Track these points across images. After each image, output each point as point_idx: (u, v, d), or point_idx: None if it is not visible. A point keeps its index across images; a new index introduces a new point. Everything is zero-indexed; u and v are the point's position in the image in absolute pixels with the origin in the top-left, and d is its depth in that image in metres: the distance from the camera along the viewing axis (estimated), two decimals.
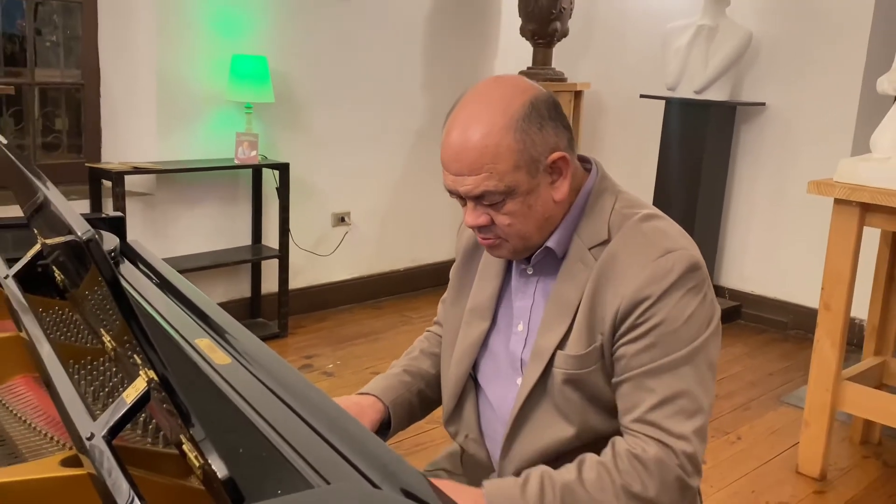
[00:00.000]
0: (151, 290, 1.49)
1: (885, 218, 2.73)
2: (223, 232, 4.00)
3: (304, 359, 3.76)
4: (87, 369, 1.22)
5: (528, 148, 1.18)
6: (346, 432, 0.97)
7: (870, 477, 2.94)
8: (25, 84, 3.66)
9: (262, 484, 0.84)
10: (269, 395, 1.06)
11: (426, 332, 1.59)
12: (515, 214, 1.21)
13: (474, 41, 4.89)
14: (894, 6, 4.00)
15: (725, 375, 3.76)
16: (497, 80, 1.26)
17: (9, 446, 1.04)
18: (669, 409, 1.18)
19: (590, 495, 1.16)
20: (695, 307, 1.20)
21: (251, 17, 3.89)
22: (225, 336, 1.28)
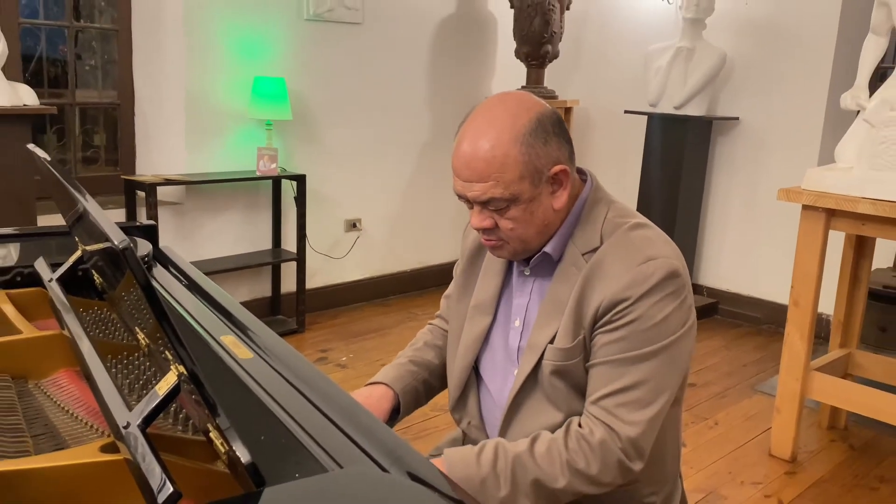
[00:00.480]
0: (181, 291, 1.50)
1: (848, 222, 2.72)
2: (246, 237, 4.00)
3: (319, 352, 3.76)
4: (123, 364, 1.22)
5: (532, 160, 1.18)
6: (357, 421, 0.98)
7: (836, 459, 2.93)
8: (67, 104, 3.67)
9: (281, 468, 0.84)
10: (287, 386, 1.07)
11: (429, 324, 1.59)
12: (518, 220, 1.22)
13: (473, 62, 4.89)
14: (856, 29, 3.99)
15: (704, 366, 3.76)
16: (506, 96, 1.26)
17: (54, 434, 1.03)
18: (624, 398, 1.19)
19: (538, 466, 1.18)
20: (670, 310, 1.20)
21: (271, 42, 3.90)
22: (247, 333, 1.29)
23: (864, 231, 2.74)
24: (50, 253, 1.55)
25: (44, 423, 1.06)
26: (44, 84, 3.59)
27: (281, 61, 3.94)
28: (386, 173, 4.55)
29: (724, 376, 3.68)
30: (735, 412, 3.29)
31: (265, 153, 3.77)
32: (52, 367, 1.23)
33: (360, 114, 4.34)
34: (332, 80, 4.17)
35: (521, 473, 1.17)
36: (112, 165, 3.81)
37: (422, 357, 1.51)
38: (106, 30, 3.71)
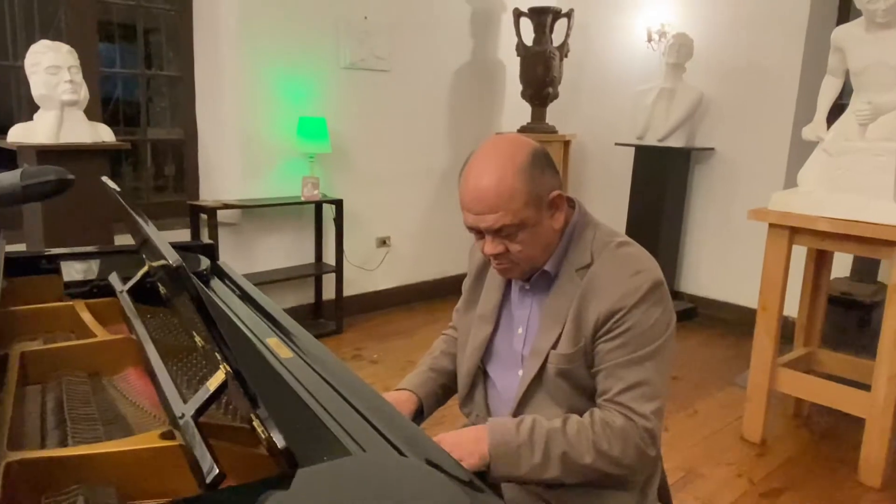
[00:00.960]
0: (234, 300, 1.51)
1: (809, 238, 2.70)
2: (293, 253, 4.01)
3: (354, 350, 3.75)
4: (182, 362, 1.23)
5: (534, 189, 1.18)
6: (380, 411, 0.98)
7: (800, 443, 2.89)
8: (140, 140, 3.71)
9: (313, 451, 0.84)
10: (321, 381, 1.07)
11: (443, 334, 1.58)
12: (526, 242, 1.21)
13: (485, 102, 4.89)
14: (815, 71, 3.95)
15: (685, 362, 3.72)
16: (501, 138, 1.25)
17: (122, 422, 1.04)
18: (634, 393, 1.19)
19: (569, 442, 1.17)
20: (657, 316, 1.20)
21: (313, 86, 3.92)
22: (288, 335, 1.29)
23: (823, 245, 2.71)
24: (122, 268, 1.57)
25: (114, 414, 1.07)
26: (120, 123, 3.62)
27: (322, 103, 3.96)
28: (411, 197, 4.56)
29: (702, 371, 3.64)
30: (711, 402, 3.26)
31: (309, 181, 3.79)
32: (122, 366, 1.24)
33: (389, 147, 4.35)
34: (365, 118, 4.18)
35: (553, 446, 1.16)
36: (179, 192, 3.84)
37: (439, 364, 1.50)
38: (172, 77, 3.74)
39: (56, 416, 1.02)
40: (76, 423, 0.99)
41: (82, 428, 0.98)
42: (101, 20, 3.40)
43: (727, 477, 2.59)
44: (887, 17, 2.49)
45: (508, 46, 4.73)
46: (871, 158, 2.49)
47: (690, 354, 3.86)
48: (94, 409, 1.05)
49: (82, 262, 1.67)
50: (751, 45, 4.18)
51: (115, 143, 2.90)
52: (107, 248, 1.79)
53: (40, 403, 1.07)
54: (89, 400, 1.09)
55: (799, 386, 2.79)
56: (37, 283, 1.56)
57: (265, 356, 1.16)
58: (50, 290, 1.54)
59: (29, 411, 1.04)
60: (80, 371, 1.19)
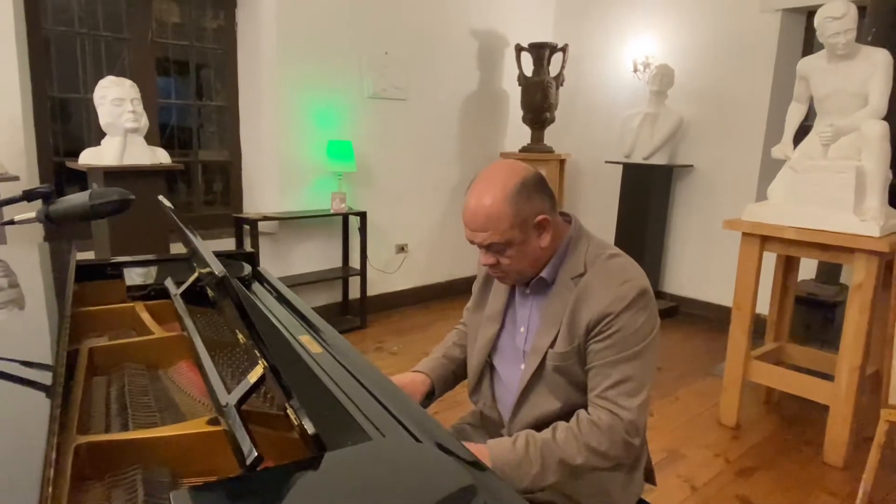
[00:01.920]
0: (272, 301, 1.52)
1: (778, 245, 2.68)
2: (323, 258, 4.03)
3: (377, 343, 3.76)
4: (226, 356, 1.21)
5: (519, 213, 1.17)
6: (397, 400, 0.98)
7: (771, 426, 2.86)
8: (192, 161, 3.74)
9: (339, 436, 0.84)
10: (346, 374, 1.08)
11: (455, 328, 1.58)
12: (513, 257, 1.21)
13: (490, 126, 4.89)
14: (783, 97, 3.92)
15: (668, 355, 3.70)
16: (498, 165, 1.24)
17: (175, 409, 1.05)
18: (620, 390, 1.18)
19: (561, 448, 1.16)
20: (643, 320, 1.19)
21: (341, 115, 3.95)
22: (319, 333, 1.30)
23: (790, 252, 2.69)
24: (176, 273, 1.58)
25: (168, 401, 1.07)
26: (175, 146, 3.65)
27: (348, 128, 3.98)
28: (425, 209, 4.56)
29: (684, 362, 3.61)
30: (692, 390, 3.23)
31: (337, 196, 3.80)
32: (175, 359, 1.25)
33: (406, 166, 4.36)
34: (386, 141, 4.20)
35: (548, 455, 1.15)
36: (226, 206, 3.86)
37: (451, 353, 1.50)
38: (220, 106, 3.78)
39: (119, 404, 1.02)
40: (136, 410, 1.00)
41: (141, 414, 0.99)
42: (158, 57, 3.44)
43: (706, 457, 2.57)
44: (847, 50, 2.47)
45: (510, 77, 4.74)
46: (833, 175, 2.47)
47: (673, 348, 3.83)
48: (151, 398, 1.06)
49: (142, 269, 1.68)
50: (726, 74, 4.16)
51: (171, 164, 2.93)
52: (163, 257, 1.79)
53: (105, 392, 1.07)
54: (147, 389, 1.09)
55: (769, 376, 2.77)
56: (103, 287, 1.58)
57: (298, 351, 1.16)
58: (114, 292, 1.55)
59: (96, 399, 1.04)
60: (139, 364, 1.20)
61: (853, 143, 2.50)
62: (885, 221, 2.38)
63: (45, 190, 1.07)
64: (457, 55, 4.52)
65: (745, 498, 2.29)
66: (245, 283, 1.63)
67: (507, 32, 4.77)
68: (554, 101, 4.51)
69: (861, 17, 2.81)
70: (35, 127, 3.02)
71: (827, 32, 2.44)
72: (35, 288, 1.36)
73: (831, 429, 2.53)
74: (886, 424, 2.20)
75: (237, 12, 3.66)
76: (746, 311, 2.76)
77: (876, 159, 2.41)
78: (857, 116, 2.48)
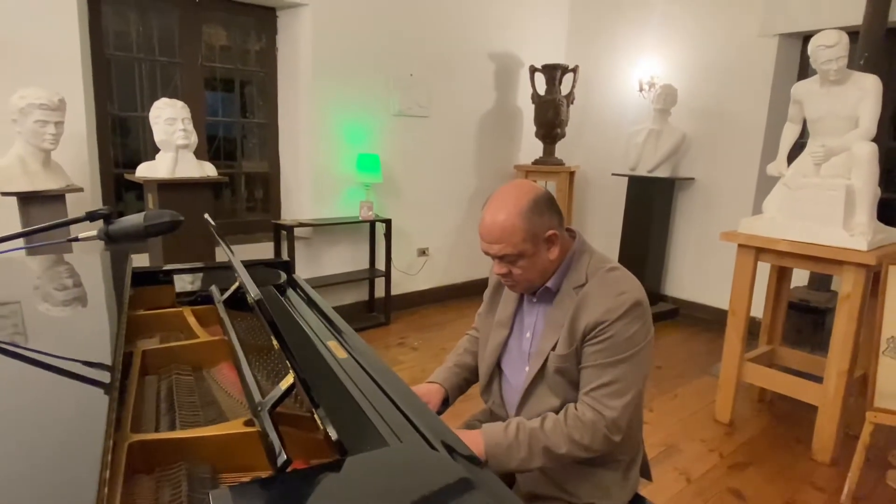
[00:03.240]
0: (304, 306, 1.52)
1: (771, 256, 2.64)
2: (351, 260, 4.06)
3: (399, 339, 3.77)
4: (263, 358, 1.23)
5: (531, 228, 1.18)
6: (414, 406, 0.98)
7: (763, 424, 2.82)
8: (237, 172, 3.80)
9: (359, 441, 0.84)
10: (368, 380, 1.07)
11: (466, 334, 1.58)
12: (524, 268, 1.22)
13: (505, 141, 4.88)
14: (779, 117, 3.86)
15: (668, 354, 3.66)
16: (513, 185, 1.25)
17: (217, 407, 1.05)
18: (607, 390, 1.18)
19: (547, 437, 1.17)
20: (635, 330, 1.19)
21: (369, 130, 3.97)
22: (345, 339, 1.30)
23: (783, 263, 2.65)
24: (220, 281, 1.59)
25: (211, 400, 1.08)
26: (221, 157, 3.70)
27: (376, 143, 4.00)
28: (445, 217, 4.57)
29: (682, 362, 3.57)
30: (689, 388, 3.20)
31: (365, 205, 3.83)
32: (218, 361, 1.25)
33: (428, 177, 4.37)
34: (410, 155, 4.21)
35: (534, 442, 1.17)
36: (265, 212, 3.91)
37: (463, 360, 1.51)
38: (261, 123, 3.83)
39: (167, 403, 1.03)
40: (182, 409, 1.00)
41: (186, 413, 1.00)
42: (206, 77, 3.50)
43: (701, 451, 2.55)
44: (838, 76, 2.43)
45: (525, 95, 4.72)
46: (824, 192, 2.43)
47: (673, 348, 3.80)
48: (196, 397, 1.06)
49: (190, 276, 1.69)
50: (726, 95, 4.10)
51: (217, 177, 2.97)
52: (209, 265, 1.80)
53: (156, 391, 1.09)
54: (193, 389, 1.10)
55: (762, 377, 2.73)
56: (156, 292, 1.58)
57: (325, 357, 1.17)
58: (165, 297, 1.57)
59: (147, 397, 1.06)
60: (186, 365, 1.21)
61: (844, 163, 2.45)
62: (873, 236, 2.34)
63: (106, 212, 1.10)
64: (475, 75, 4.52)
65: (737, 491, 2.27)
66: (280, 290, 1.65)
67: (522, 54, 4.76)
68: (565, 117, 4.49)
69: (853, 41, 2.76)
70: (98, 142, 3.09)
71: (820, 59, 2.40)
72: (97, 292, 1.38)
73: (819, 428, 2.49)
74: (871, 426, 2.16)
75: (278, 37, 3.70)
76: (741, 317, 2.72)
77: (865, 178, 2.36)
78: (848, 138, 2.43)
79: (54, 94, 2.47)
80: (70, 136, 2.76)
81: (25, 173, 2.45)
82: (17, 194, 2.46)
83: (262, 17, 3.63)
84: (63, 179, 2.60)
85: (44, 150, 2.50)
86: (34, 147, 2.48)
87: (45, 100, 2.43)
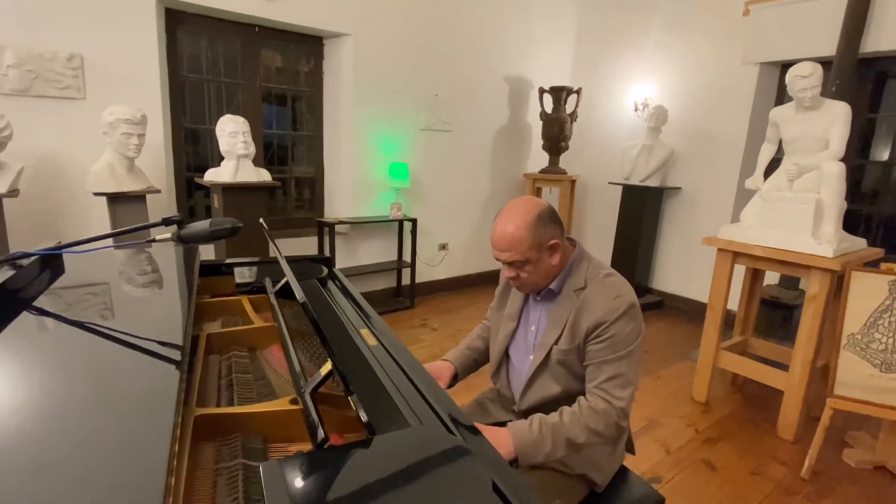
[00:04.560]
0: (341, 298, 1.51)
1: (747, 260, 2.58)
2: (382, 253, 4.06)
3: (422, 320, 3.78)
4: (307, 343, 1.23)
5: (536, 237, 1.18)
6: (433, 390, 0.97)
7: (735, 404, 2.78)
8: (288, 176, 3.81)
9: (385, 422, 0.84)
10: (395, 366, 1.07)
11: (480, 323, 1.58)
12: (530, 272, 1.22)
13: (515, 151, 4.84)
14: (758, 136, 3.76)
15: (653, 340, 3.62)
16: (521, 199, 1.25)
17: (268, 385, 1.05)
18: (613, 383, 1.17)
19: (567, 429, 1.16)
20: (631, 328, 1.18)
21: (400, 142, 3.96)
22: (375, 327, 1.29)
23: (757, 265, 2.59)
24: (272, 273, 1.60)
25: (263, 377, 1.09)
26: (275, 163, 3.73)
27: (405, 153, 4.00)
28: (463, 216, 4.54)
29: (665, 347, 3.52)
30: (671, 371, 3.16)
31: (395, 206, 3.83)
32: (270, 343, 1.25)
33: (449, 182, 4.35)
34: (434, 164, 4.20)
35: (557, 435, 1.15)
36: (311, 211, 3.93)
37: (474, 344, 1.51)
38: (309, 134, 3.84)
39: (226, 380, 1.05)
40: (239, 386, 1.02)
41: (243, 389, 1.00)
42: (263, 94, 3.53)
43: (679, 426, 2.52)
44: (812, 103, 2.35)
45: (534, 113, 4.67)
46: (796, 205, 2.36)
47: (657, 335, 3.75)
48: (251, 376, 1.07)
49: (248, 268, 1.69)
50: (711, 115, 4.00)
51: (271, 181, 2.98)
52: (263, 260, 1.82)
53: (217, 370, 1.10)
54: (248, 369, 1.11)
55: (735, 364, 2.69)
56: (219, 282, 1.59)
57: (358, 344, 1.16)
58: (227, 286, 1.58)
59: (210, 374, 1.07)
60: (243, 347, 1.22)
61: (814, 179, 2.38)
62: (838, 244, 2.27)
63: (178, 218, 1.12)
64: (492, 96, 4.48)
65: (709, 462, 2.24)
66: (322, 282, 1.66)
67: (533, 77, 4.70)
68: (568, 132, 4.43)
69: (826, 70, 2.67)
70: (173, 150, 3.14)
71: (796, 88, 2.33)
72: (171, 279, 1.38)
73: (784, 410, 2.45)
74: (830, 410, 2.12)
75: (324, 62, 3.71)
76: (718, 312, 2.68)
77: (833, 193, 2.29)
78: (819, 157, 2.36)
79: (137, 111, 2.52)
80: (150, 145, 2.81)
81: (113, 177, 2.51)
82: (107, 195, 2.51)
83: (311, 45, 3.64)
84: (144, 182, 2.65)
85: (128, 157, 2.54)
86: (121, 155, 2.53)
87: (130, 115, 2.47)
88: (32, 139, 2.55)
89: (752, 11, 3.64)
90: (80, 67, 2.61)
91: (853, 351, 2.09)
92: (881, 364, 2.02)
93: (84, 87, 2.64)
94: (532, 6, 4.56)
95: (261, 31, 3.37)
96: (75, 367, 0.83)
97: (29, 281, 1.16)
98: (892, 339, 2.00)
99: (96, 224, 2.75)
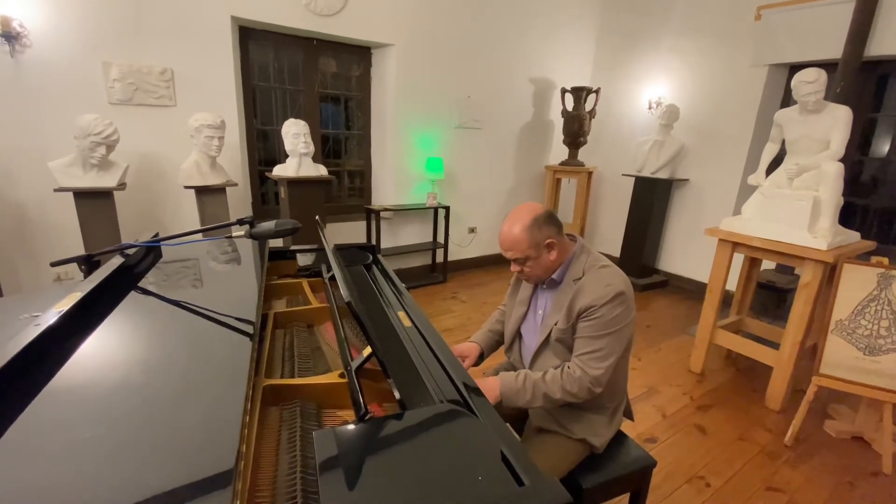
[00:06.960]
0: (384, 282, 1.53)
1: (746, 250, 2.47)
2: (419, 235, 4.08)
3: (452, 294, 3.79)
4: (352, 323, 1.26)
5: (533, 238, 1.19)
6: (457, 369, 0.98)
7: (728, 376, 2.71)
8: (342, 169, 3.84)
9: (414, 398, 0.87)
10: (426, 347, 1.08)
11: (498, 308, 1.58)
12: (532, 267, 1.23)
13: (538, 145, 4.70)
14: (762, 135, 3.53)
15: (657, 316, 3.53)
16: (522, 206, 1.24)
17: (322, 355, 1.09)
18: (591, 356, 1.18)
19: (546, 386, 1.19)
20: (617, 313, 1.17)
21: (437, 140, 3.93)
22: (410, 310, 1.31)
23: (755, 255, 2.47)
24: (327, 260, 1.62)
25: (318, 350, 1.12)
26: (331, 157, 3.75)
27: (441, 149, 3.96)
28: (490, 204, 4.49)
29: (667, 322, 3.44)
30: (671, 344, 3.09)
31: (431, 195, 3.82)
32: (325, 320, 1.29)
33: (479, 174, 4.29)
34: (466, 158, 4.14)
35: (536, 389, 1.19)
36: (360, 198, 3.95)
37: (495, 328, 1.53)
38: (359, 132, 3.85)
39: (289, 353, 1.10)
40: (300, 359, 1.06)
41: (302, 361, 1.05)
42: (321, 97, 3.55)
43: (675, 394, 2.49)
44: (815, 107, 2.18)
45: (556, 111, 4.52)
46: (794, 202, 2.23)
47: (661, 311, 3.66)
48: (309, 350, 1.12)
49: (308, 255, 1.74)
50: (719, 114, 3.76)
51: (328, 176, 3.00)
52: (319, 247, 1.88)
53: (283, 343, 1.15)
54: (307, 343, 1.16)
55: (730, 341, 2.61)
56: (284, 265, 1.65)
57: (395, 325, 1.19)
58: (290, 270, 1.63)
59: (276, 347, 1.13)
60: (303, 323, 1.27)
61: (813, 177, 2.23)
62: (832, 238, 2.14)
63: (250, 219, 1.18)
64: (518, 96, 4.35)
65: (701, 426, 2.21)
66: (367, 267, 1.69)
67: (556, 78, 4.52)
68: (587, 129, 4.27)
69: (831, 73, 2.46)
70: (247, 149, 3.23)
71: (801, 92, 2.16)
72: (247, 261, 1.45)
73: (773, 383, 2.37)
74: (815, 387, 2.04)
75: (371, 69, 3.69)
76: (716, 294, 2.59)
77: (830, 191, 2.14)
78: (819, 157, 2.20)
79: (217, 117, 2.60)
80: (228, 145, 2.90)
81: (199, 173, 2.61)
82: (194, 188, 2.63)
83: (361, 53, 3.62)
84: (225, 177, 2.75)
85: (211, 156, 2.64)
86: (205, 154, 2.63)
87: (212, 121, 2.55)
88: (135, 141, 2.68)
89: (763, 16, 3.36)
90: (171, 79, 2.70)
91: (840, 335, 1.99)
92: (865, 348, 1.92)
93: (175, 96, 2.73)
94: (557, 14, 4.36)
95: (318, 43, 3.37)
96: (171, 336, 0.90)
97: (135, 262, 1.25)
98: (877, 325, 1.90)
99: (187, 212, 2.89)
